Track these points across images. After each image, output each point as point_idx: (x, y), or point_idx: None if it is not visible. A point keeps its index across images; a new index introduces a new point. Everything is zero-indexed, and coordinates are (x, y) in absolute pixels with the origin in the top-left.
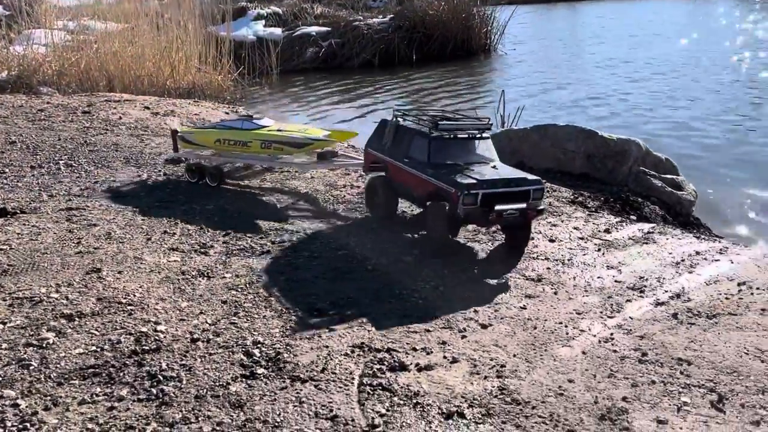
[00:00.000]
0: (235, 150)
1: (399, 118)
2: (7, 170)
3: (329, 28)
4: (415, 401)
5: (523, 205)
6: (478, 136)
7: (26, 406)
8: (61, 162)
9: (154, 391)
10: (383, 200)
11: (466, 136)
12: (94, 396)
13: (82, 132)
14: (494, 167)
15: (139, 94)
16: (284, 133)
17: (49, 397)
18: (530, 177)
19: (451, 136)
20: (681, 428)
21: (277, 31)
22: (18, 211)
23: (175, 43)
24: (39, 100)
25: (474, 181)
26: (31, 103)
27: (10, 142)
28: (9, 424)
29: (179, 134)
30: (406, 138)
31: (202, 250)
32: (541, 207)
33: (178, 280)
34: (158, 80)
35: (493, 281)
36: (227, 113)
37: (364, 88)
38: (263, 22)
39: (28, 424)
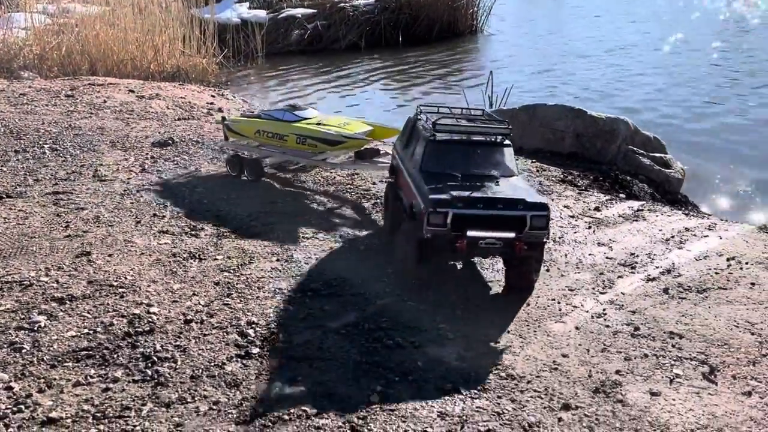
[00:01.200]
0: (272, 143)
1: (419, 116)
2: None
3: (315, 10)
4: (411, 378)
5: (510, 235)
6: (490, 141)
7: (20, 389)
8: (45, 146)
9: (149, 372)
10: (389, 209)
11: (471, 141)
12: (89, 378)
13: (66, 116)
14: (498, 183)
15: (122, 78)
16: (319, 128)
17: (42, 380)
18: (531, 200)
19: (451, 139)
20: (674, 400)
21: (262, 13)
22: (4, 196)
23: (158, 26)
24: (20, 84)
25: (445, 197)
26: (12, 87)
27: None
28: (3, 406)
29: (226, 123)
30: (414, 139)
31: (193, 232)
32: (545, 239)
33: (170, 262)
34: (142, 64)
35: (486, 259)
36: (213, 96)
37: (350, 71)
38: (247, 4)
39: (22, 406)
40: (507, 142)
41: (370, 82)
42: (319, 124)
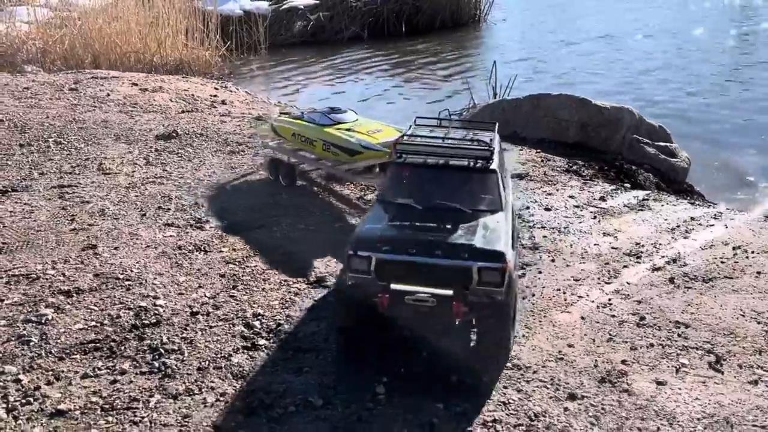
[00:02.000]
0: (306, 147)
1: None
2: None
3: (317, 1)
4: (416, 369)
5: (446, 292)
6: (464, 167)
7: (28, 381)
8: (50, 140)
9: (156, 364)
10: None
11: (439, 165)
12: (97, 370)
13: (70, 109)
14: (466, 220)
15: (125, 71)
16: (342, 135)
17: (51, 372)
18: (484, 246)
19: (413, 163)
20: (680, 389)
21: (264, 4)
22: (9, 190)
23: (161, 18)
24: (24, 78)
25: (370, 236)
26: (16, 81)
27: None
28: (11, 399)
29: (272, 123)
30: None
31: (198, 224)
32: (499, 298)
33: (175, 255)
34: (145, 56)
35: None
36: (216, 88)
37: (353, 62)
38: None
39: (31, 399)
40: (491, 167)
41: (373, 73)
42: (349, 130)
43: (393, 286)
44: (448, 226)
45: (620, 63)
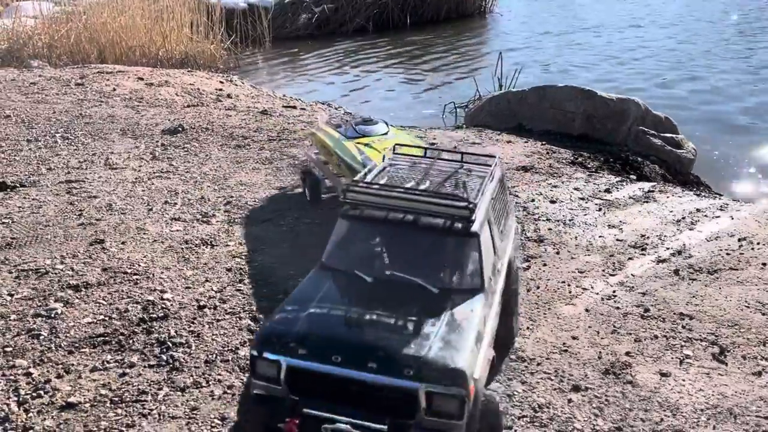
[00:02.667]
0: (330, 161)
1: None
2: (3, 144)
3: None
4: None
5: (380, 427)
6: (435, 227)
7: (39, 375)
8: (57, 135)
9: (164, 357)
10: None
11: (403, 222)
12: (106, 363)
13: (77, 104)
14: (425, 308)
15: (131, 65)
16: (353, 150)
17: (60, 365)
18: (434, 358)
19: (369, 216)
20: (684, 380)
21: None
22: (17, 185)
23: (165, 12)
24: (30, 73)
25: (282, 332)
26: (22, 76)
27: (5, 116)
28: (22, 392)
29: (314, 130)
30: None
31: (204, 219)
32: None
33: (182, 249)
34: (150, 50)
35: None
36: (222, 82)
37: (358, 55)
38: None
39: (41, 392)
40: (471, 229)
41: (378, 66)
42: (367, 145)
43: (306, 408)
44: (398, 317)
45: (627, 54)
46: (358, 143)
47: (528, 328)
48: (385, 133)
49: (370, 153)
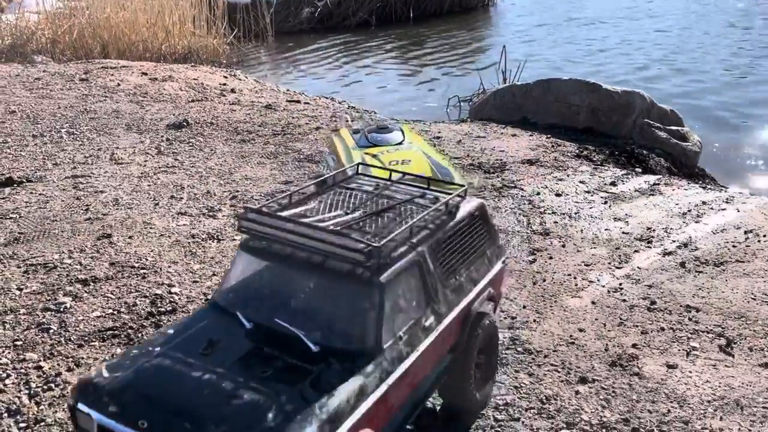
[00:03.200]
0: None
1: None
2: (9, 140)
3: None
4: None
5: None
6: (320, 266)
7: (49, 368)
8: (62, 130)
9: None
10: None
11: (287, 257)
12: (115, 356)
13: (82, 99)
14: (300, 374)
15: (135, 60)
16: (356, 160)
17: (71, 359)
18: None
19: (265, 249)
20: (690, 372)
21: None
22: (24, 180)
23: (167, 6)
24: (35, 68)
25: (100, 383)
26: (27, 72)
27: (10, 111)
28: (33, 385)
29: (332, 135)
30: None
31: (210, 213)
32: None
33: (189, 243)
34: (153, 45)
35: (500, 236)
36: (225, 77)
37: (362, 49)
38: None
39: (52, 385)
40: (370, 277)
41: (382, 60)
42: (375, 156)
43: None
44: (247, 380)
45: (632, 46)
46: (366, 153)
47: (535, 320)
48: (400, 143)
49: (373, 164)
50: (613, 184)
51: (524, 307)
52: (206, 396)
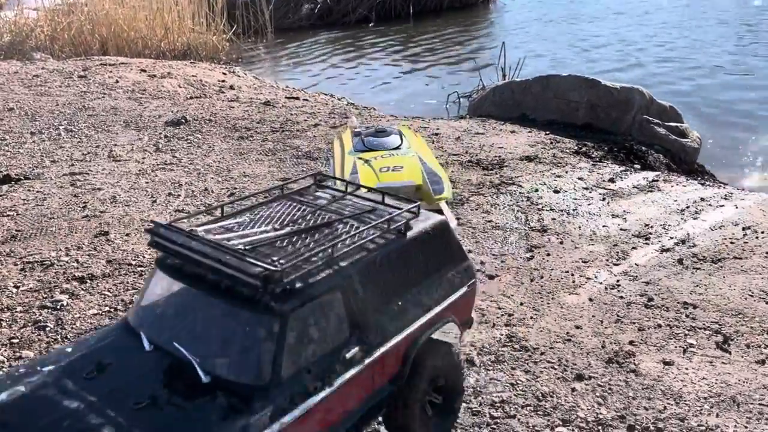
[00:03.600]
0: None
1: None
2: (7, 137)
3: None
4: None
5: None
6: (219, 288)
7: None
8: (60, 127)
9: None
10: None
11: (191, 276)
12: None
13: (80, 97)
14: (178, 408)
15: (133, 57)
16: (346, 166)
17: None
18: None
19: (178, 267)
20: (687, 369)
21: None
22: (22, 178)
23: (166, 3)
24: (33, 65)
25: None
26: (25, 69)
27: (8, 108)
28: None
29: (336, 135)
30: None
31: (208, 211)
32: None
33: None
34: (152, 42)
35: (498, 232)
36: (224, 74)
37: (361, 46)
38: None
39: None
40: (280, 307)
41: (381, 56)
42: (367, 161)
43: None
44: (120, 411)
45: (631, 42)
46: (360, 158)
47: (532, 317)
48: (397, 147)
49: (365, 172)
50: (611, 180)
51: (521, 304)
52: (64, 429)
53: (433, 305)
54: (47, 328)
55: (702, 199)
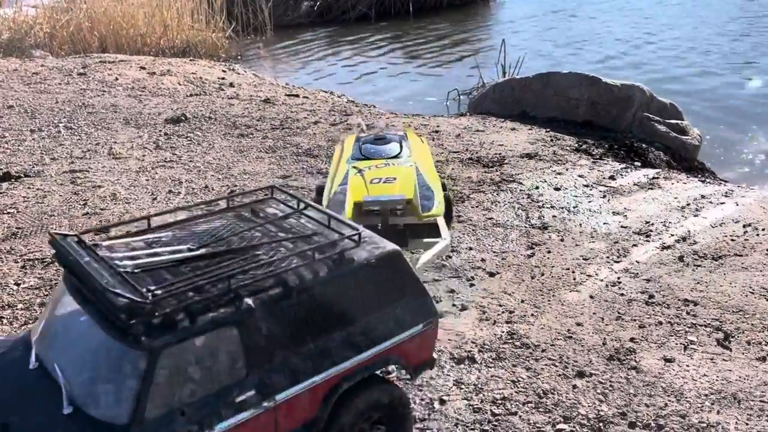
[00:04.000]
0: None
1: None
2: (7, 134)
3: None
4: None
5: None
6: (100, 318)
7: None
8: (60, 125)
9: None
10: None
11: (75, 293)
12: None
13: (80, 94)
14: None
15: (133, 54)
16: (337, 175)
17: None
18: None
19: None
20: (688, 366)
21: None
22: (22, 175)
23: (165, 0)
24: (33, 63)
25: None
26: (25, 66)
27: (8, 106)
28: None
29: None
30: None
31: (208, 207)
32: None
33: None
34: (151, 40)
35: (499, 230)
36: (224, 71)
37: (361, 43)
38: None
39: None
40: (148, 342)
41: (381, 54)
42: (361, 170)
43: None
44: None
45: (631, 40)
46: (354, 167)
47: (533, 314)
48: (396, 156)
49: (355, 183)
50: (612, 177)
51: (522, 301)
52: None
53: (369, 345)
54: None
55: (702, 197)
